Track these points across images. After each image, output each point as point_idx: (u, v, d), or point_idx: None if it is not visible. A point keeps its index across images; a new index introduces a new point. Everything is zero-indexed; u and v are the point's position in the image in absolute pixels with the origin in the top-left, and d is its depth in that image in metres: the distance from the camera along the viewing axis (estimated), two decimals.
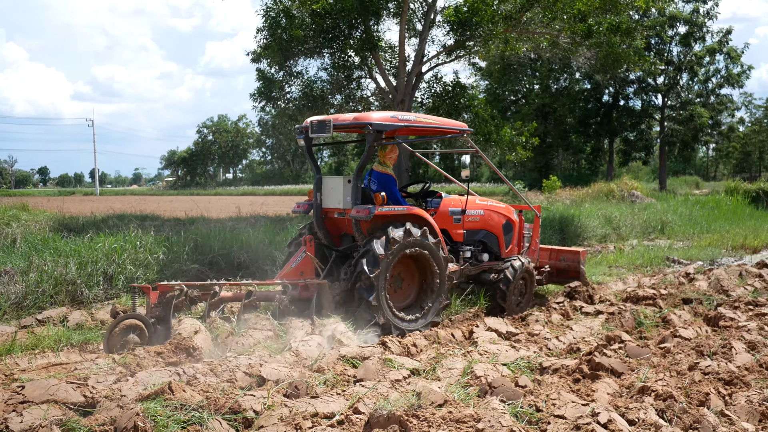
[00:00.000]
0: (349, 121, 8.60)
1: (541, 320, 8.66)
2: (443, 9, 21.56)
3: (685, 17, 47.00)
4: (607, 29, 19.79)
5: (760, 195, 30.34)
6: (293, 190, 71.73)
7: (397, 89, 20.98)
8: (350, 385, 5.93)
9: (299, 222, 16.11)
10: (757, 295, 10.60)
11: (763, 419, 5.35)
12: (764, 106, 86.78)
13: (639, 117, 52.20)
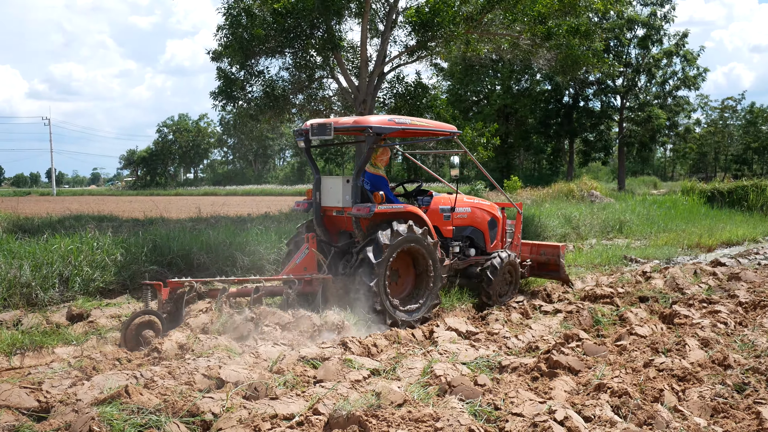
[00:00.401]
0: (349, 125, 9.11)
1: (501, 319, 8.73)
2: (405, 9, 21.59)
3: (643, 20, 47.69)
4: (567, 31, 19.98)
5: (715, 195, 30.86)
6: (255, 191, 71.38)
7: (359, 89, 20.96)
8: (310, 386, 5.92)
9: (258, 223, 16.03)
10: (710, 293, 10.80)
11: (714, 414, 5.46)
12: (719, 108, 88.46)
13: (598, 118, 52.83)
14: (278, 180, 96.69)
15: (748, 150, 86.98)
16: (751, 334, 8.00)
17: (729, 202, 30.04)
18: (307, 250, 9.04)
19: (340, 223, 9.47)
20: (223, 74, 20.71)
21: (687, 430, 5.01)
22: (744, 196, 30.07)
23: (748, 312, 9.34)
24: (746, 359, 6.94)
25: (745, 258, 16.12)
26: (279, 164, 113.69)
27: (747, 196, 29.92)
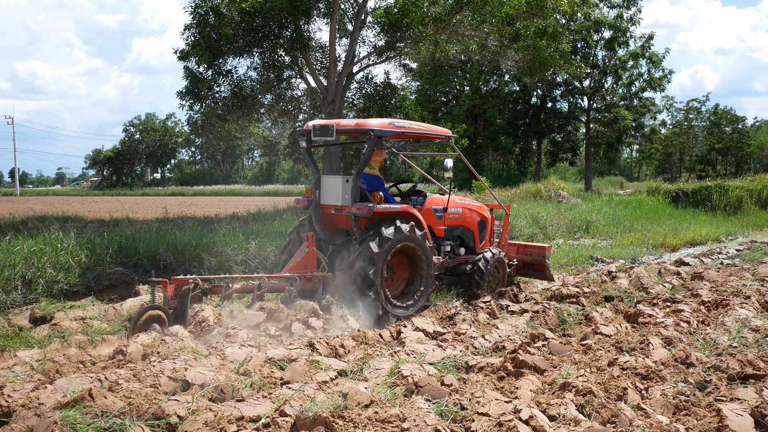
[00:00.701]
0: (351, 127, 9.62)
1: (468, 319, 8.75)
2: (374, 10, 21.61)
3: (609, 22, 48.15)
4: (534, 33, 20.16)
5: (680, 195, 31.27)
6: (223, 191, 70.90)
7: (327, 89, 20.95)
8: (277, 387, 5.89)
9: (226, 224, 15.95)
10: (674, 292, 10.95)
11: (677, 412, 5.53)
12: (684, 110, 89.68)
13: (566, 119, 53.23)
14: (247, 180, 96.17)
15: (712, 151, 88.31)
16: (713, 332, 8.14)
17: (693, 203, 30.47)
18: (307, 249, 9.40)
19: (338, 220, 9.83)
20: (191, 74, 20.56)
21: (650, 428, 5.08)
22: (708, 197, 30.52)
23: (710, 311, 9.48)
24: (708, 357, 7.05)
25: (708, 258, 16.37)
26: (247, 164, 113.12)
27: (711, 197, 30.38)
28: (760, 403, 5.42)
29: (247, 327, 7.82)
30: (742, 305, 9.44)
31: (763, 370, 6.61)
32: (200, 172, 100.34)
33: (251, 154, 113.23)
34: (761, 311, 9.51)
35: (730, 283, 11.39)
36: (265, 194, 63.30)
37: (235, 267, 11.96)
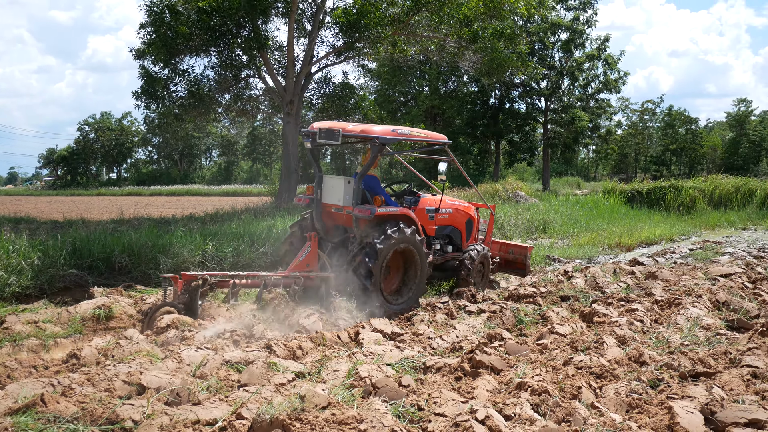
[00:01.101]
0: (356, 132, 10.06)
1: (426, 320, 8.79)
2: (332, 10, 21.59)
3: (566, 24, 48.68)
4: (492, 35, 20.30)
5: (635, 195, 31.70)
6: (181, 191, 70.10)
7: (286, 89, 20.86)
8: (234, 390, 5.85)
9: (182, 225, 15.78)
10: (628, 291, 11.12)
11: (630, 410, 5.63)
12: (639, 111, 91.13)
13: (524, 119, 53.66)
14: (205, 180, 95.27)
15: (667, 151, 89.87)
16: (665, 331, 8.28)
17: (648, 203, 30.92)
18: (310, 248, 9.99)
19: (337, 218, 10.41)
20: (146, 73, 20.30)
21: (603, 426, 5.15)
22: (662, 197, 31.01)
23: (663, 310, 9.64)
24: (660, 356, 7.19)
25: (662, 257, 16.63)
26: (205, 164, 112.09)
27: (665, 197, 30.87)
28: (710, 400, 5.53)
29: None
30: (694, 304, 9.62)
31: (714, 368, 6.76)
32: (157, 171, 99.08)
33: (209, 154, 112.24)
34: (712, 310, 9.70)
35: (683, 283, 11.58)
36: (223, 194, 62.82)
37: (192, 268, 11.85)
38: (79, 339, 7.89)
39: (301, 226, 10.64)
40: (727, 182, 31.82)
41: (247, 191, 62.77)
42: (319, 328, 8.04)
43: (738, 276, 12.35)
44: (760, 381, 6.57)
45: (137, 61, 20.44)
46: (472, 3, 19.28)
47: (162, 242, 12.18)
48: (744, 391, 6.17)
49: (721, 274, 12.54)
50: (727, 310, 9.77)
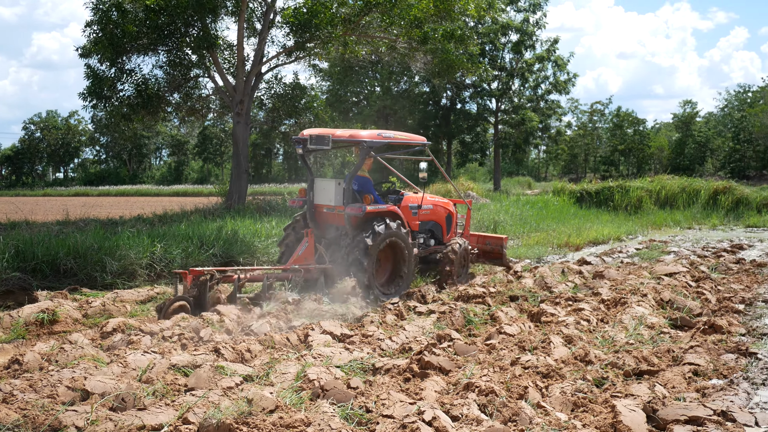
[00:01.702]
0: (345, 137, 11.00)
1: (376, 321, 8.78)
2: (282, 10, 21.48)
3: (516, 26, 49.18)
4: (442, 36, 20.40)
5: (584, 195, 32.15)
6: (130, 191, 69.02)
7: (236, 89, 20.69)
8: (181, 394, 5.80)
9: (130, 226, 15.55)
10: (576, 290, 11.26)
11: (575, 408, 5.71)
12: (589, 112, 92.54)
13: (475, 120, 54.07)
14: (155, 180, 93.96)
15: (615, 152, 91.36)
16: (611, 330, 8.42)
17: (596, 202, 31.39)
18: (307, 244, 10.87)
19: (329, 218, 11.28)
20: (92, 72, 19.93)
21: (548, 425, 5.22)
22: (610, 197, 31.51)
23: (609, 309, 9.79)
24: (606, 354, 7.31)
25: (610, 256, 16.91)
26: (155, 164, 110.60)
27: (613, 197, 31.38)
28: (652, 398, 5.65)
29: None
30: (639, 303, 9.80)
31: (657, 366, 6.90)
32: (105, 171, 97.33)
33: (159, 154, 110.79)
34: (657, 309, 9.91)
35: (629, 282, 11.76)
36: (173, 194, 62.03)
37: (140, 271, 11.68)
38: (21, 344, 7.72)
39: (294, 227, 11.55)
40: (673, 182, 32.47)
41: (198, 191, 62.11)
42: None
43: (682, 275, 12.62)
44: (700, 378, 6.73)
45: (83, 60, 20.10)
46: (423, 4, 19.34)
47: (109, 244, 11.96)
48: (685, 388, 6.32)
49: (665, 273, 12.79)
50: (671, 308, 9.98)
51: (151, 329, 7.92)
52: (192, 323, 8.17)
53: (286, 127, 23.75)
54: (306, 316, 9.13)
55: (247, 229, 15.06)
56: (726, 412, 5.55)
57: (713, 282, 12.40)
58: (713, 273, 13.61)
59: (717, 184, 32.04)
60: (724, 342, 8.13)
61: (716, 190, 31.19)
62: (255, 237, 14.54)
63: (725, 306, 10.15)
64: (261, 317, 8.77)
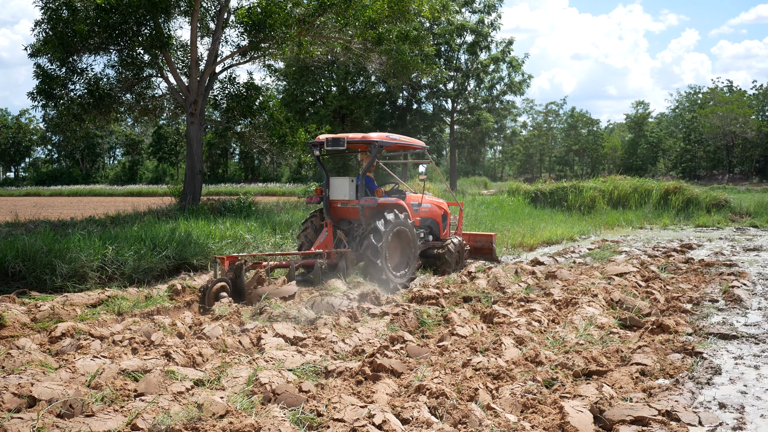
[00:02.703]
0: (358, 139, 12.43)
1: (330, 323, 8.76)
2: (236, 9, 21.32)
3: (471, 27, 49.50)
4: (397, 37, 20.44)
5: (538, 195, 32.51)
6: (83, 191, 68.04)
7: (189, 89, 20.49)
8: (130, 400, 5.73)
9: (82, 228, 15.29)
10: (529, 291, 11.36)
11: (524, 410, 5.78)
12: (544, 112, 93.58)
13: (431, 120, 54.32)
14: (108, 180, 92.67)
15: (570, 152, 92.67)
16: (562, 330, 8.53)
17: (551, 202, 31.78)
18: (327, 233, 12.54)
19: (343, 212, 13.03)
20: (42, 72, 19.55)
21: (498, 426, 5.28)
22: (564, 197, 31.92)
23: (561, 309, 9.91)
24: (556, 355, 7.41)
25: (562, 256, 17.13)
26: (109, 163, 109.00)
27: (567, 197, 31.79)
28: (600, 399, 5.74)
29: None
30: (590, 303, 9.94)
31: (606, 367, 7.02)
32: (58, 171, 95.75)
33: (113, 153, 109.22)
34: (607, 309, 10.06)
35: (581, 282, 11.90)
36: (128, 195, 61.33)
37: (91, 273, 11.51)
38: None
39: (312, 221, 13.11)
40: (625, 182, 33.00)
41: (153, 191, 61.47)
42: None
43: (632, 275, 12.84)
44: (647, 378, 6.87)
45: (33, 59, 19.68)
46: (377, 6, 19.36)
47: (59, 247, 11.75)
48: (632, 388, 6.43)
49: (616, 273, 13.00)
50: (621, 308, 10.14)
51: (102, 333, 7.83)
52: (143, 327, 8.09)
53: (241, 127, 23.57)
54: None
55: (201, 230, 14.91)
56: (671, 412, 5.67)
57: (662, 282, 12.64)
58: (663, 273, 13.87)
59: (668, 185, 32.66)
60: (671, 342, 8.30)
61: (667, 190, 31.80)
62: (209, 238, 14.42)
63: (673, 306, 10.36)
64: (214, 321, 8.72)
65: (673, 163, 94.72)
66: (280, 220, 17.80)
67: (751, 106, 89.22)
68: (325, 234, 12.53)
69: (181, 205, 20.41)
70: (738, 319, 9.83)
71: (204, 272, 13.15)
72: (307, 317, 9.13)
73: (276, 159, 76.93)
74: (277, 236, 16.02)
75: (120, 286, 11.32)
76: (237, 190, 57.01)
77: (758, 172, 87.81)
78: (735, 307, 10.73)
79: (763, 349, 8.22)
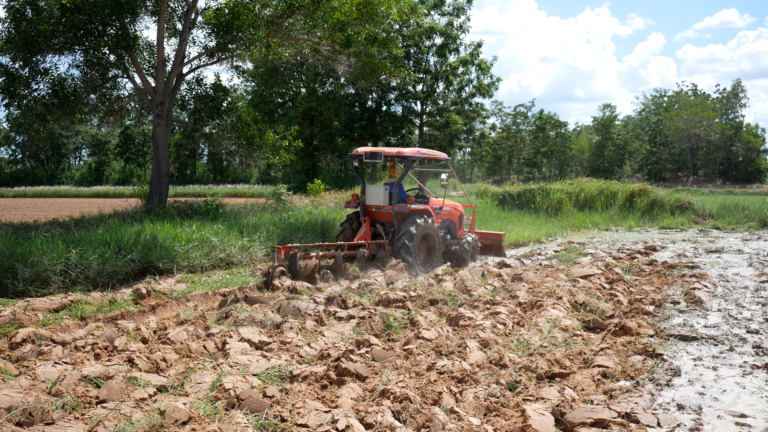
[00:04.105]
0: (394, 154, 14.79)
1: (296, 327, 8.72)
2: (204, 10, 21.17)
3: (440, 29, 49.68)
4: (365, 39, 20.43)
5: (506, 197, 32.67)
6: (48, 192, 67.11)
7: (156, 90, 20.30)
8: (92, 407, 5.66)
9: (45, 230, 15.06)
10: (495, 294, 11.40)
11: (487, 413, 5.82)
12: (512, 114, 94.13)
13: (400, 122, 54.42)
14: (74, 181, 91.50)
15: (538, 154, 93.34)
16: (526, 333, 8.59)
17: (518, 204, 31.94)
18: (365, 228, 14.70)
19: (377, 215, 15.11)
20: (5, 70, 19.24)
21: (461, 430, 5.31)
22: (531, 199, 32.11)
23: (526, 312, 9.98)
24: (520, 358, 7.46)
25: (529, 259, 17.26)
26: (75, 164, 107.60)
27: (534, 199, 32.00)
28: (561, 401, 5.80)
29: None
30: (555, 306, 10.03)
31: (569, 369, 7.09)
32: (22, 172, 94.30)
33: (79, 153, 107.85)
34: (571, 311, 10.15)
35: (546, 284, 11.99)
36: (94, 196, 60.61)
37: (54, 277, 11.34)
38: None
39: (350, 221, 15.18)
40: (592, 185, 33.31)
41: (120, 192, 60.85)
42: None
43: (597, 277, 12.98)
44: (609, 380, 6.95)
45: None
46: (346, 8, 19.33)
47: (21, 250, 11.56)
48: (594, 391, 6.51)
49: (581, 276, 13.13)
50: (585, 311, 10.25)
51: (64, 339, 7.73)
52: (107, 332, 7.99)
53: (209, 129, 23.39)
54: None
55: (167, 233, 14.76)
56: (630, 414, 5.75)
57: (626, 284, 12.80)
58: (627, 275, 14.05)
59: (633, 187, 33.05)
60: (633, 344, 8.42)
61: (632, 192, 32.19)
62: (175, 241, 14.28)
63: (636, 308, 10.50)
64: (179, 325, 8.65)
65: (639, 165, 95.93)
66: (247, 222, 17.69)
67: (715, 110, 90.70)
68: (365, 229, 14.65)
69: (148, 207, 20.21)
70: (698, 321, 9.99)
71: (170, 275, 13.03)
72: (273, 321, 9.06)
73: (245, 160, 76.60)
74: (244, 239, 15.91)
75: (84, 291, 11.17)
76: (205, 192, 56.67)
77: (721, 175, 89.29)
78: (696, 308, 10.90)
79: (722, 350, 8.37)
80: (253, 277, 12.76)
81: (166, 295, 10.83)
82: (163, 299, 10.58)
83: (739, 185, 79.28)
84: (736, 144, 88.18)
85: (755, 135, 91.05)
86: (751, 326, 9.67)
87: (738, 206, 30.84)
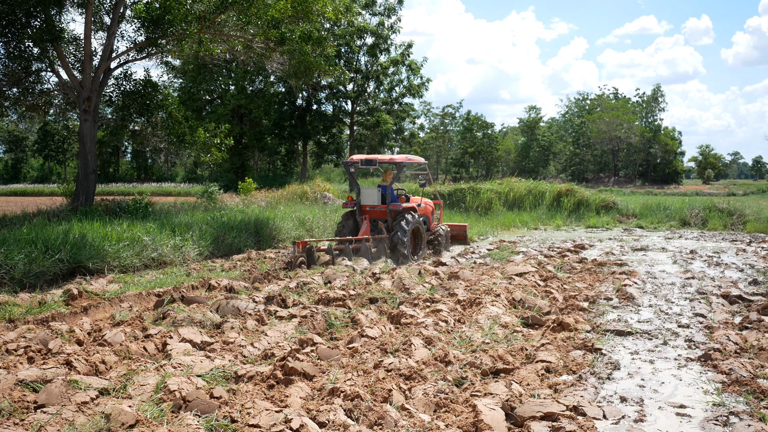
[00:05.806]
0: (387, 161, 16.92)
1: (237, 327, 8.59)
2: (134, 4, 20.68)
3: (372, 29, 49.79)
4: (300, 37, 20.29)
5: (437, 197, 32.91)
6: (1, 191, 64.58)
7: (82, 85, 19.72)
8: (31, 412, 5.44)
9: None
10: (433, 292, 11.47)
11: (437, 409, 5.84)
12: (441, 115, 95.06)
13: (331, 121, 54.33)
14: None
15: (465, 154, 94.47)
16: (468, 330, 8.66)
17: (449, 204, 32.24)
18: (365, 225, 16.46)
19: (371, 214, 16.95)
20: None
21: (413, 427, 5.31)
22: (462, 198, 32.48)
23: (465, 309, 10.06)
24: (464, 354, 7.51)
25: (463, 257, 17.44)
26: None
27: (465, 198, 32.36)
28: (510, 396, 5.86)
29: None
30: (493, 303, 10.14)
31: (512, 365, 7.17)
32: None
33: None
34: (509, 308, 10.28)
35: (483, 282, 12.11)
36: (11, 194, 58.60)
37: None
38: None
39: (346, 222, 16.95)
40: (521, 185, 33.85)
41: (39, 191, 58.96)
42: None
43: (531, 275, 13.19)
44: (552, 375, 7.06)
45: None
46: (280, 5, 19.15)
47: None
48: (539, 385, 6.60)
49: (516, 273, 13.32)
50: (523, 307, 10.39)
51: None
52: (39, 334, 7.71)
53: (137, 126, 22.85)
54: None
55: (96, 232, 14.33)
56: (577, 407, 5.86)
57: (560, 281, 13.05)
58: (559, 272, 14.32)
59: (560, 187, 33.73)
60: (572, 339, 8.58)
61: (560, 192, 32.85)
62: (105, 240, 13.89)
63: (571, 304, 10.71)
64: (115, 326, 8.41)
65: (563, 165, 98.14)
66: (179, 221, 17.33)
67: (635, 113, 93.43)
68: (365, 226, 16.47)
69: (74, 205, 19.62)
70: (632, 316, 10.26)
71: (101, 276, 12.67)
72: (213, 321, 8.90)
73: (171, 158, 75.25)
74: (176, 238, 15.60)
75: (10, 292, 10.75)
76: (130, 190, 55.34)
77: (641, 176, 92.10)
78: (628, 304, 11.19)
79: (656, 344, 8.60)
80: (188, 276, 12.51)
81: (98, 296, 10.53)
82: (95, 300, 10.27)
83: (657, 186, 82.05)
84: (655, 146, 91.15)
85: (672, 138, 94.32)
86: (682, 321, 9.98)
87: (660, 206, 31.79)
